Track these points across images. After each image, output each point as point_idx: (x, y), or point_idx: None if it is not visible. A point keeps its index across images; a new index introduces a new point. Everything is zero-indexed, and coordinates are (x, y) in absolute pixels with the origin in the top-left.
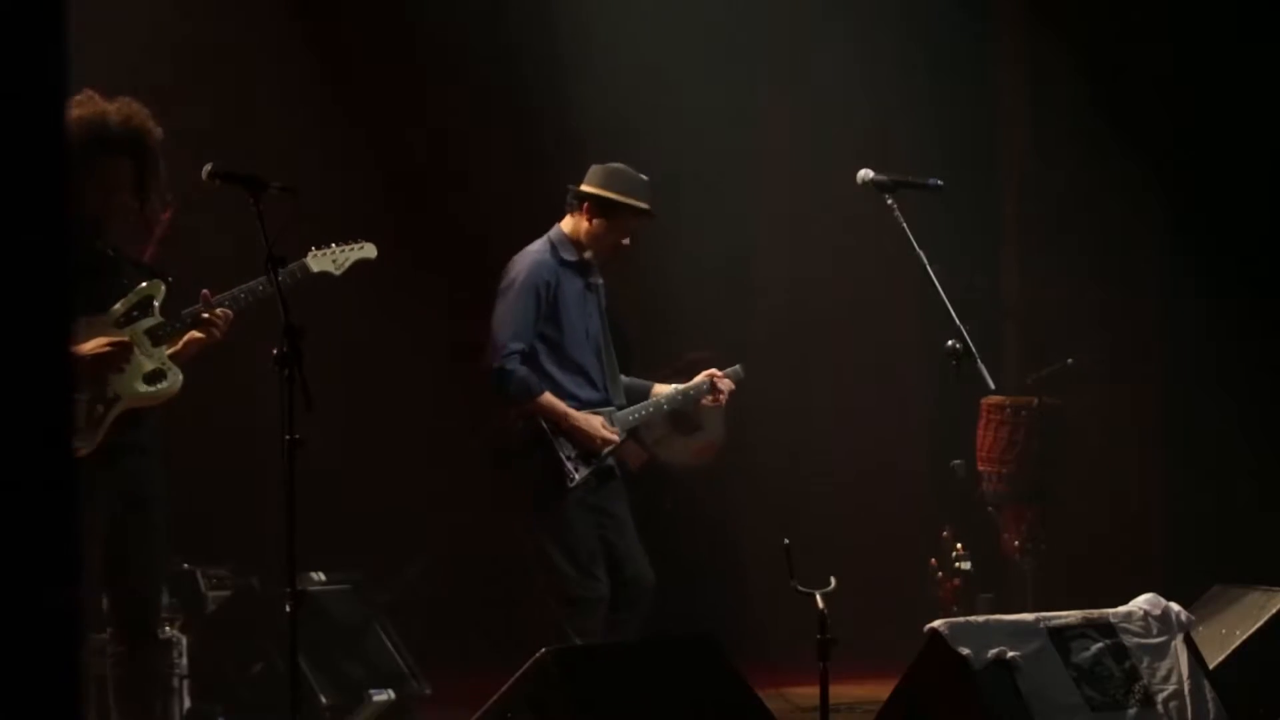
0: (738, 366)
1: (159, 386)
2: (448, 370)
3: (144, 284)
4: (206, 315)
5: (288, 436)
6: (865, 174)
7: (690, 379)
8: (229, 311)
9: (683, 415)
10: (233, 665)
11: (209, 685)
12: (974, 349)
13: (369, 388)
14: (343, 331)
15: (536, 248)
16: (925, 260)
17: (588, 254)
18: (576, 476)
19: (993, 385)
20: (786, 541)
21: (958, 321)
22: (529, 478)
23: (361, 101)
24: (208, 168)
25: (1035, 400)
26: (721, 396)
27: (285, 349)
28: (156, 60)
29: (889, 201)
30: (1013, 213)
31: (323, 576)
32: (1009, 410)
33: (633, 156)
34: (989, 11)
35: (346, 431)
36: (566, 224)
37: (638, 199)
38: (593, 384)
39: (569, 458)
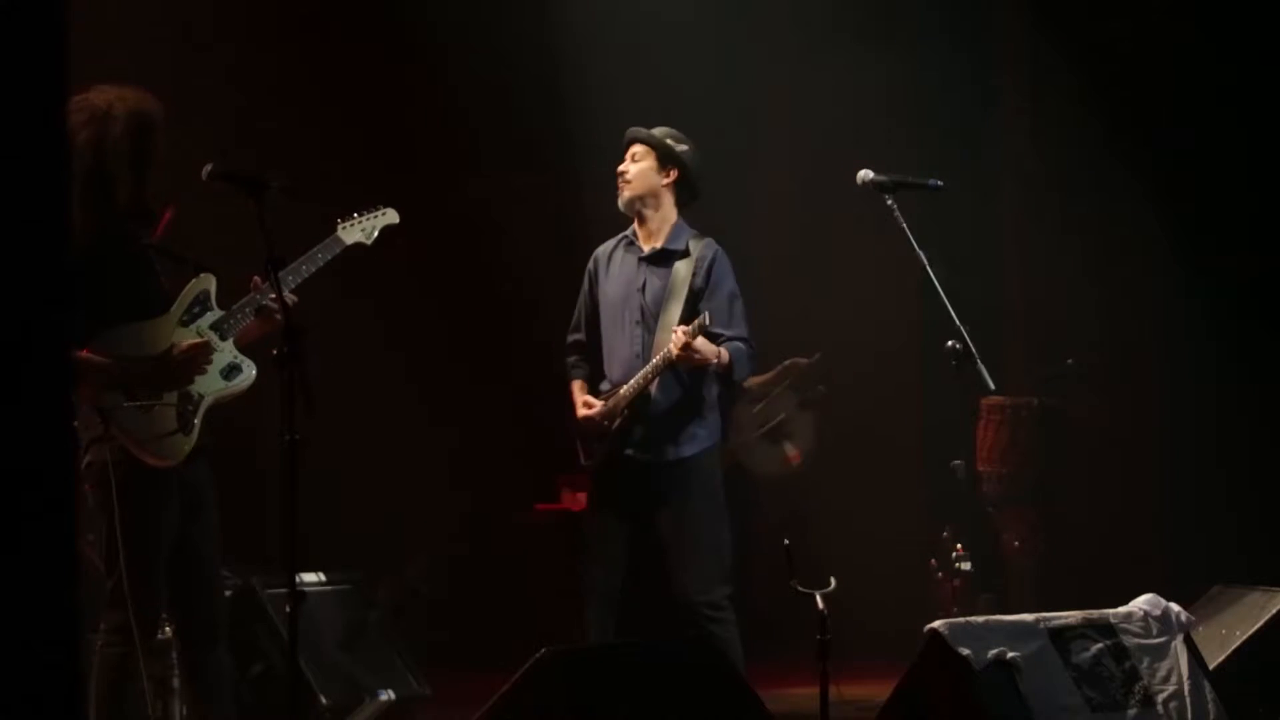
0: (704, 315)
1: (237, 380)
2: (450, 370)
3: (194, 279)
4: (265, 303)
5: (287, 436)
6: (865, 174)
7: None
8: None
9: (773, 423)
10: (233, 665)
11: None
12: (974, 349)
13: (370, 387)
14: (343, 330)
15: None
16: (925, 260)
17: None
18: (583, 459)
19: (992, 385)
20: (786, 542)
21: (958, 322)
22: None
23: (361, 96)
24: (208, 168)
25: (1035, 400)
26: (682, 346)
27: (286, 350)
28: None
29: (889, 202)
30: (1013, 213)
31: (323, 576)
32: (1009, 410)
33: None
34: (989, 11)
35: (347, 431)
36: None
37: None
38: (618, 362)
39: (581, 442)
